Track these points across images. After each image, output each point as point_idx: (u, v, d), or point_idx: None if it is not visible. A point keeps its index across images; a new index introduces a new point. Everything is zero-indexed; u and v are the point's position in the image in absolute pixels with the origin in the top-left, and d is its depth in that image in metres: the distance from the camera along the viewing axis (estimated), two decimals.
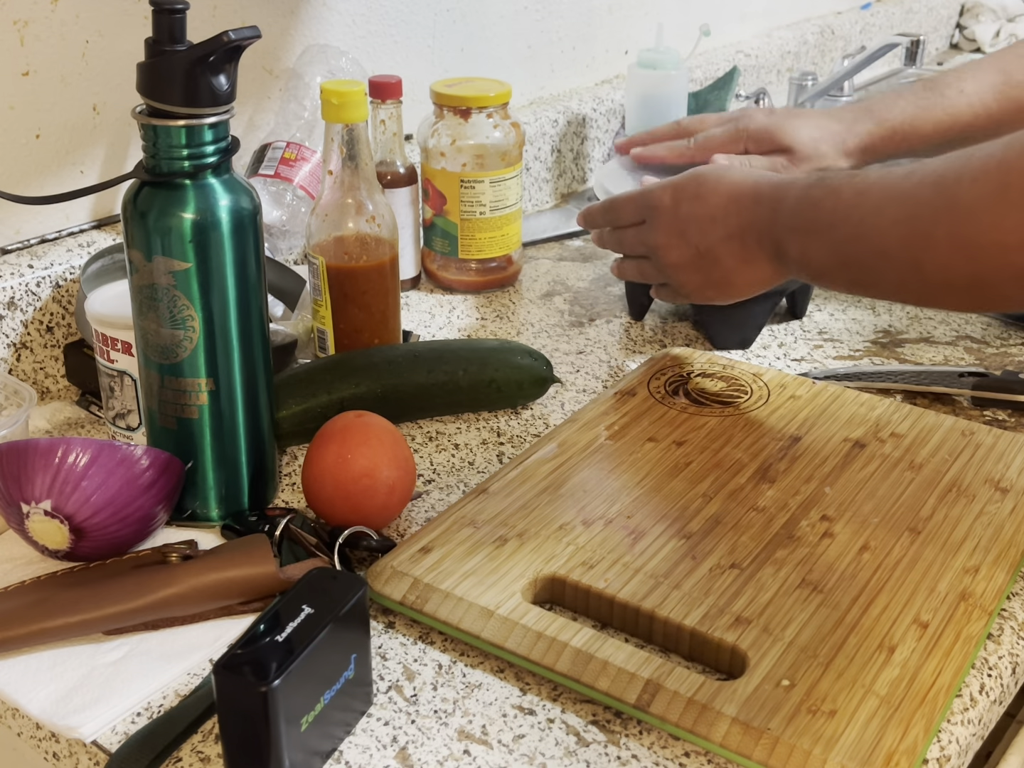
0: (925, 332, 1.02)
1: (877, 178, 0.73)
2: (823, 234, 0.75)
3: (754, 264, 0.81)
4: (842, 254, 0.74)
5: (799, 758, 0.54)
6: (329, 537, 0.70)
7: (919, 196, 0.69)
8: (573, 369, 0.95)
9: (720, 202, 0.82)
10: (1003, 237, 0.64)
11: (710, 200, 0.82)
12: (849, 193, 0.73)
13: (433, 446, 0.84)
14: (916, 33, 1.66)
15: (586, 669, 0.59)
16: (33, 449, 0.65)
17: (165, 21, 0.65)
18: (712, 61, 1.55)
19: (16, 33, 0.87)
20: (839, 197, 0.74)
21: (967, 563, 0.67)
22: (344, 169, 0.87)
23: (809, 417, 0.83)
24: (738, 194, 0.81)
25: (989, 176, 0.65)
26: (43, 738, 0.60)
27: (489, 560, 0.67)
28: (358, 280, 0.89)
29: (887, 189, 0.71)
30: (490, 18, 1.28)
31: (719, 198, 0.82)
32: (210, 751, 0.57)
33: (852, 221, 0.73)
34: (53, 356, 0.91)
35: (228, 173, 0.69)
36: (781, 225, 0.77)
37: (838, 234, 0.74)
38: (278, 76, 1.08)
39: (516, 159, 1.07)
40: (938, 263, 0.68)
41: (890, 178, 0.72)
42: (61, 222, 0.94)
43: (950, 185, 0.67)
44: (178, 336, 0.69)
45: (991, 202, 0.64)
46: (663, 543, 0.68)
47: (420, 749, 0.57)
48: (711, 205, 0.82)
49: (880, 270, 0.72)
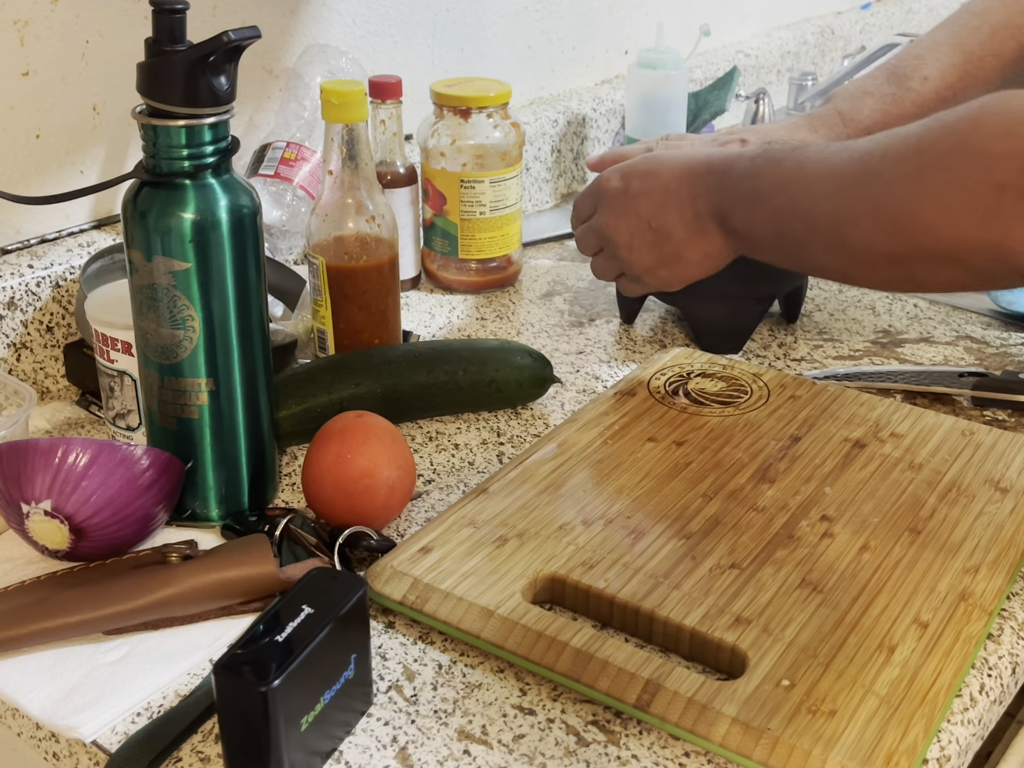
0: (925, 332, 1.02)
1: (815, 152, 0.74)
2: (764, 203, 0.76)
3: (704, 236, 0.81)
4: (779, 225, 0.75)
5: (799, 758, 0.54)
6: (329, 537, 0.70)
7: (847, 171, 0.71)
8: (573, 369, 0.95)
9: (673, 175, 0.82)
10: (917, 216, 0.66)
11: (662, 174, 0.82)
12: (789, 164, 0.75)
13: (433, 446, 0.84)
14: (916, 33, 1.66)
15: (586, 669, 0.59)
16: (33, 449, 0.65)
17: (165, 21, 0.65)
18: (712, 61, 1.55)
19: (16, 33, 0.87)
20: (780, 167, 0.75)
21: (967, 563, 0.67)
22: (344, 169, 0.88)
23: (809, 417, 0.83)
24: (692, 164, 0.82)
25: (908, 157, 0.67)
26: (43, 738, 0.60)
27: (489, 560, 0.67)
28: (358, 280, 0.89)
29: (821, 163, 0.73)
30: (490, 18, 1.28)
31: (672, 171, 0.82)
32: (210, 751, 0.57)
33: (789, 192, 0.74)
34: (53, 356, 0.91)
35: (228, 173, 0.69)
36: (728, 193, 0.78)
37: (777, 203, 0.75)
38: (278, 76, 1.08)
39: (516, 159, 1.07)
40: (860, 238, 0.70)
41: (825, 152, 0.73)
42: (61, 222, 0.94)
43: (875, 163, 0.69)
44: (178, 336, 0.69)
45: (908, 182, 0.67)
46: (663, 543, 0.68)
47: (420, 749, 0.57)
48: (664, 178, 0.82)
49: (810, 243, 0.74)
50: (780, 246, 0.77)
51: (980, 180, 0.63)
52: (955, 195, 0.65)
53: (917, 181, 0.66)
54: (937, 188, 0.66)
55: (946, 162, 0.65)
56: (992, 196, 0.63)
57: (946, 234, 0.66)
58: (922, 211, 0.66)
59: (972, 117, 0.65)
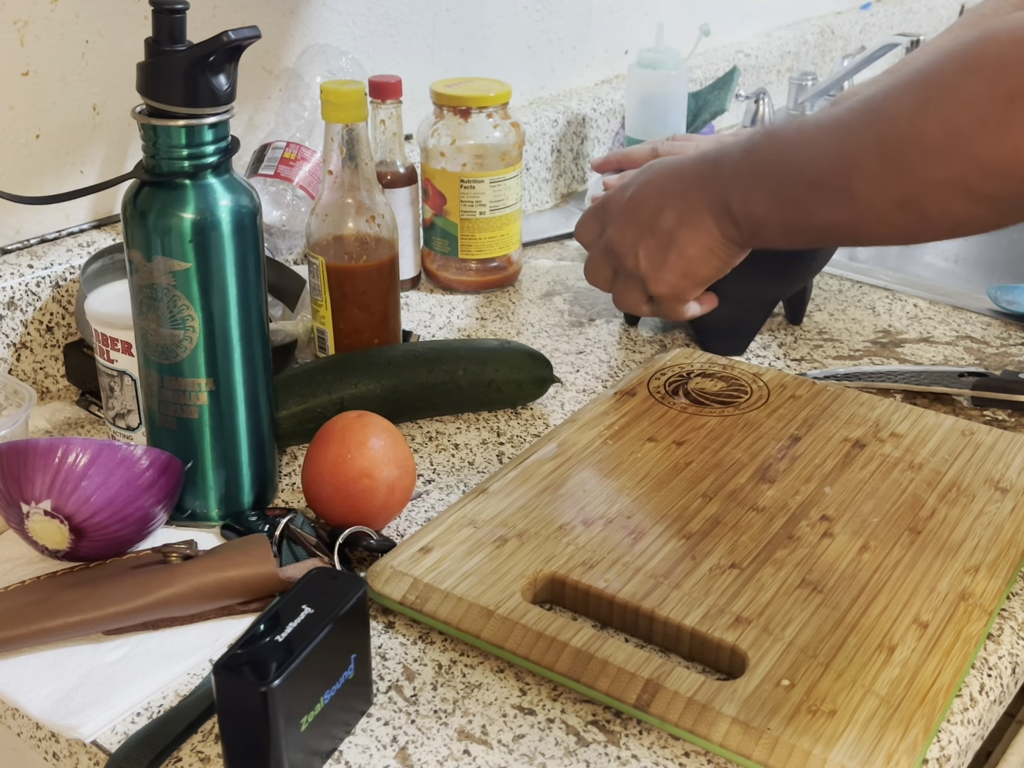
0: (925, 332, 1.02)
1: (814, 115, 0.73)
2: (762, 176, 0.75)
3: (702, 230, 0.79)
4: (779, 195, 0.74)
5: (799, 758, 0.54)
6: (329, 537, 0.70)
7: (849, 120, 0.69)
8: (573, 369, 0.95)
9: (667, 175, 0.81)
10: (925, 144, 0.64)
11: (657, 178, 0.82)
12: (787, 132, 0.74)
13: (433, 446, 0.84)
14: (916, 33, 1.66)
15: (586, 669, 0.59)
16: (33, 449, 0.65)
17: (165, 21, 0.65)
18: (712, 61, 1.56)
19: (16, 33, 0.87)
20: (777, 138, 0.74)
21: (967, 563, 0.67)
22: (344, 169, 0.87)
23: (809, 417, 0.83)
24: (684, 160, 0.81)
25: (912, 87, 0.65)
26: (43, 738, 0.60)
27: (489, 560, 0.67)
28: (358, 280, 0.89)
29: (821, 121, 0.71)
30: (490, 18, 1.28)
31: (666, 172, 0.81)
32: (210, 751, 0.57)
33: (788, 158, 0.73)
34: (53, 356, 0.91)
35: (228, 173, 0.69)
36: (724, 176, 0.77)
37: (776, 171, 0.73)
38: (278, 76, 1.08)
39: (516, 159, 1.07)
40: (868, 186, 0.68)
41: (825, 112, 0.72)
42: (61, 222, 0.94)
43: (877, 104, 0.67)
44: (178, 336, 0.69)
45: (913, 112, 0.64)
46: (663, 543, 0.68)
47: (420, 749, 0.57)
48: (658, 182, 0.81)
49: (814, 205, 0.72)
50: (781, 218, 0.75)
51: (990, 93, 0.60)
52: (964, 114, 0.62)
53: (923, 108, 0.64)
54: (945, 111, 0.62)
55: (953, 82, 0.62)
56: (1003, 108, 0.60)
57: (956, 159, 0.63)
58: (930, 138, 0.63)
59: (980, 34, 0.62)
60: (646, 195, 0.82)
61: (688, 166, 0.80)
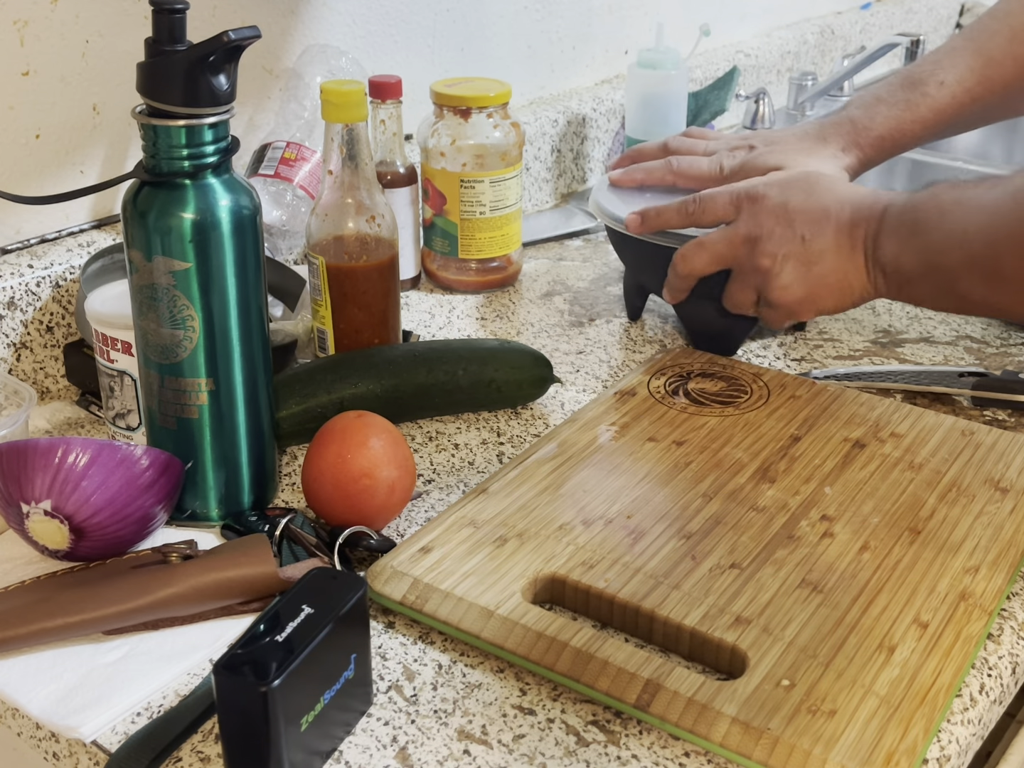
0: (925, 332, 1.02)
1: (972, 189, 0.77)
2: (917, 238, 0.78)
3: (851, 267, 0.82)
4: (931, 257, 0.78)
5: (799, 758, 0.54)
6: (329, 537, 0.70)
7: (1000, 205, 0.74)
8: (573, 369, 0.95)
9: (836, 198, 0.83)
10: None
11: (825, 196, 0.83)
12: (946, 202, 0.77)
13: (433, 446, 0.84)
14: (916, 33, 1.66)
15: (586, 669, 0.59)
16: (33, 449, 0.65)
17: (165, 21, 0.65)
18: (712, 61, 1.55)
19: (16, 33, 0.87)
20: (939, 202, 0.78)
21: (967, 563, 0.67)
22: (344, 169, 0.87)
23: (809, 417, 0.83)
24: (856, 193, 0.83)
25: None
26: (43, 738, 0.60)
27: (489, 560, 0.67)
28: (358, 280, 0.89)
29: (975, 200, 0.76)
30: (490, 18, 1.28)
31: (835, 195, 0.83)
32: (210, 751, 0.57)
33: (944, 228, 0.77)
34: (53, 356, 0.91)
35: (228, 173, 0.69)
36: (885, 226, 0.80)
37: (933, 237, 0.77)
38: (278, 76, 1.08)
39: (516, 159, 1.07)
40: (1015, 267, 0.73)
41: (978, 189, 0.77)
42: (61, 222, 0.94)
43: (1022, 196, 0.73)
44: (178, 336, 0.69)
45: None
46: (663, 543, 0.68)
47: (420, 749, 0.57)
48: (826, 200, 0.83)
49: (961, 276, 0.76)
50: (929, 280, 0.79)
51: None
52: None
53: None
54: None
55: None
56: None
57: None
58: None
59: None
60: (808, 206, 0.83)
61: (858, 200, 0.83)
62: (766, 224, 0.84)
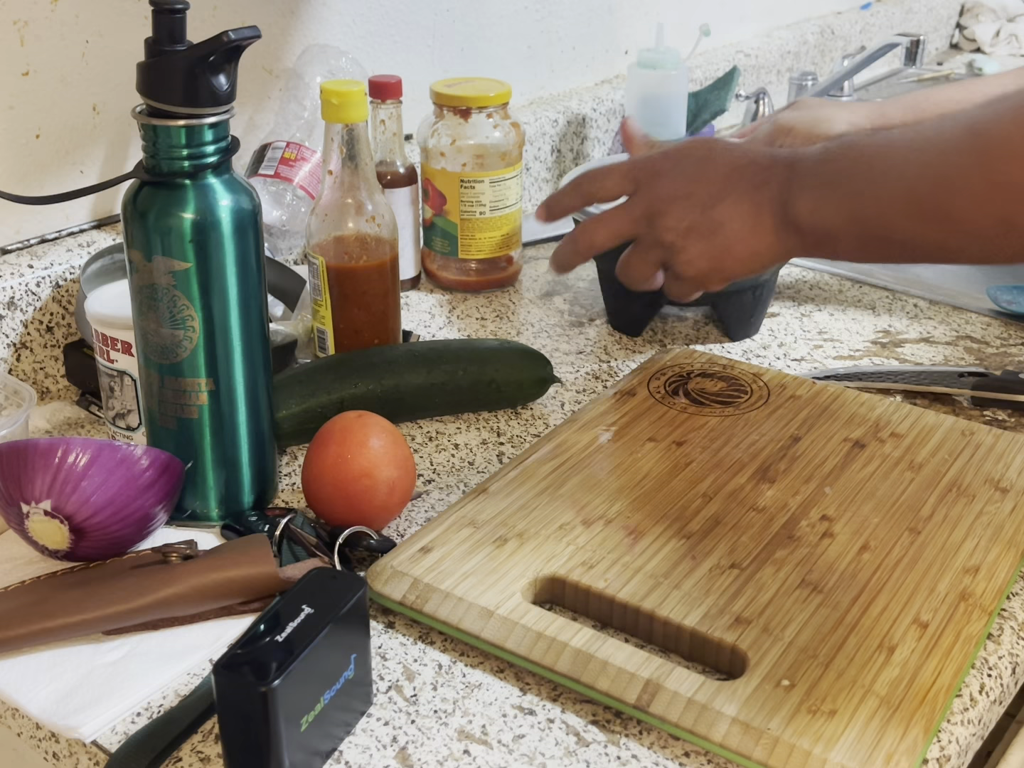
0: (925, 332, 1.02)
1: (901, 132, 0.72)
2: (838, 187, 0.73)
3: (758, 231, 0.76)
4: (854, 208, 0.72)
5: (799, 758, 0.54)
6: (329, 537, 0.70)
7: (952, 141, 0.68)
8: (573, 369, 0.95)
9: (734, 163, 0.78)
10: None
11: (722, 160, 0.79)
12: (871, 146, 0.72)
13: (433, 446, 0.84)
14: (916, 33, 1.66)
15: (586, 669, 0.59)
16: (33, 449, 0.65)
17: (165, 21, 0.65)
18: (712, 61, 1.55)
19: (16, 33, 0.87)
20: (860, 151, 0.73)
21: (967, 563, 0.67)
22: (344, 169, 0.87)
23: (809, 417, 0.83)
24: (754, 155, 0.78)
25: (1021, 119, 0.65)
26: (43, 738, 0.60)
27: (489, 560, 0.67)
28: (358, 280, 0.89)
29: (915, 139, 0.71)
30: (490, 18, 1.28)
31: (732, 159, 0.78)
32: (210, 751, 0.57)
33: (874, 171, 0.72)
34: (53, 356, 0.91)
35: (228, 173, 0.69)
36: (796, 183, 0.75)
37: (855, 185, 0.72)
38: (278, 76, 1.08)
39: (516, 159, 1.07)
40: (968, 207, 0.67)
41: (917, 129, 0.71)
42: (61, 222, 0.94)
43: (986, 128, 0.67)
44: (178, 336, 0.69)
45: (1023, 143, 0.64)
46: (663, 543, 0.68)
47: (420, 749, 0.57)
48: (724, 164, 0.78)
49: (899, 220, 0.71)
50: (857, 231, 0.73)
51: None
52: None
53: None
54: None
55: None
56: None
57: None
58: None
59: None
60: (705, 174, 0.78)
61: (759, 162, 0.78)
62: (664, 197, 0.79)
